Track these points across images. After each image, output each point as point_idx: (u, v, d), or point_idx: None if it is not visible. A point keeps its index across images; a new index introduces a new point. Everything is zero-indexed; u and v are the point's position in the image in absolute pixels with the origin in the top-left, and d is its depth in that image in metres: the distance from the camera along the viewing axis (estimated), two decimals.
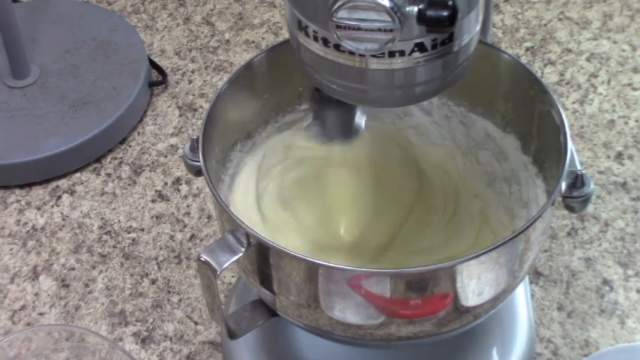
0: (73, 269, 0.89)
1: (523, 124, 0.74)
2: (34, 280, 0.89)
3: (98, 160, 0.99)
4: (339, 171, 0.78)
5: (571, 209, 0.65)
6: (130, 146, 1.00)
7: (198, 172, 0.67)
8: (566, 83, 1.02)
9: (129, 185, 0.97)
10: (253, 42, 1.10)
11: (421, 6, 0.54)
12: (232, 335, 0.70)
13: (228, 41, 1.11)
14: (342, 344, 0.70)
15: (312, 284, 0.63)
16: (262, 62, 0.73)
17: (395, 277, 0.62)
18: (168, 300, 0.86)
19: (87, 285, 0.88)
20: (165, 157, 0.99)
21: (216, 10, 1.15)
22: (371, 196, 0.77)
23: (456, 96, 0.77)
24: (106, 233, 0.92)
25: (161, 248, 0.91)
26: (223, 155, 0.74)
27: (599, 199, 0.91)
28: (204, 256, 0.62)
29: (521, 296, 0.80)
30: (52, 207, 0.95)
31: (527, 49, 1.06)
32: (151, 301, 0.86)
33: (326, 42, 0.58)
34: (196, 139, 0.68)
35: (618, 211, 0.90)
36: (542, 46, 1.06)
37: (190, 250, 0.90)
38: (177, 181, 0.97)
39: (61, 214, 0.94)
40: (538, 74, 0.72)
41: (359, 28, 0.55)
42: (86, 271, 0.89)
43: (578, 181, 0.64)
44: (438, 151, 0.78)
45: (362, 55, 0.57)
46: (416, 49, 0.57)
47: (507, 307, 0.78)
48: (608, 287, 0.84)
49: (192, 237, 0.91)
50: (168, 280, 0.88)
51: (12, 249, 0.92)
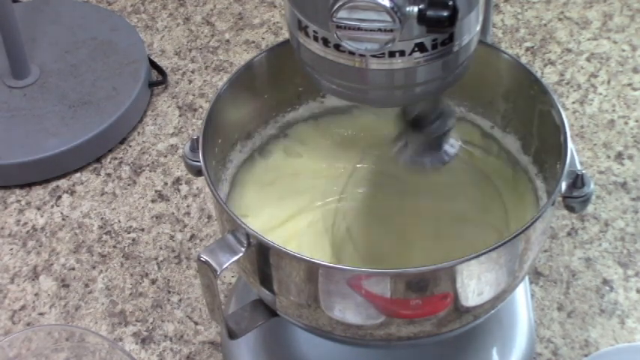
0: (73, 269, 0.89)
1: (523, 124, 0.74)
2: (34, 280, 0.89)
3: (98, 160, 0.99)
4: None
5: (571, 209, 0.65)
6: (130, 146, 1.00)
7: (198, 172, 0.67)
8: (566, 83, 1.02)
9: (129, 185, 0.97)
10: (253, 42, 1.10)
11: (421, 6, 0.54)
12: (232, 335, 0.70)
13: (228, 41, 1.11)
14: (342, 344, 0.70)
15: (312, 284, 0.63)
16: (262, 62, 0.73)
17: (395, 277, 0.62)
18: (168, 300, 0.86)
19: (87, 285, 0.88)
20: (165, 157, 0.99)
21: (216, 10, 1.15)
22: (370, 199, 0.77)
23: (456, 96, 0.77)
24: (106, 233, 0.92)
25: (161, 248, 0.90)
26: (223, 155, 0.74)
27: (599, 199, 0.91)
28: (204, 256, 0.62)
29: (521, 296, 0.80)
30: (52, 207, 0.95)
31: (527, 49, 1.06)
32: (151, 301, 0.86)
33: (326, 42, 0.58)
34: (196, 139, 0.68)
35: (618, 211, 0.90)
36: (542, 46, 1.06)
37: (190, 250, 0.90)
38: (177, 181, 0.97)
39: (61, 214, 0.94)
40: (538, 74, 0.72)
41: (359, 28, 0.55)
42: (86, 271, 0.89)
43: (578, 181, 0.64)
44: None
45: (362, 55, 0.57)
46: (416, 49, 0.57)
47: (507, 307, 0.78)
48: (608, 287, 0.84)
49: (192, 237, 0.91)
50: (168, 280, 0.88)
51: (12, 249, 0.92)
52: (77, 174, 0.98)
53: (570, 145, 0.65)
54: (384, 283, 0.61)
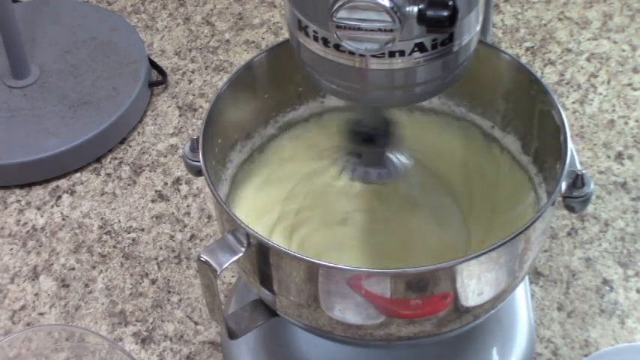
0: (73, 269, 0.89)
1: (523, 124, 0.74)
2: (34, 280, 0.89)
3: (98, 160, 0.99)
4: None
5: (571, 209, 0.65)
6: (130, 146, 1.00)
7: (198, 172, 0.67)
8: (566, 83, 1.02)
9: (129, 185, 0.97)
10: (253, 42, 1.10)
11: (421, 6, 0.54)
12: (232, 335, 0.70)
13: (228, 41, 1.11)
14: (342, 344, 0.70)
15: (312, 284, 0.63)
16: (262, 62, 0.73)
17: (395, 277, 0.62)
18: (168, 300, 0.86)
19: (87, 285, 0.88)
20: (165, 157, 0.99)
21: (216, 10, 1.15)
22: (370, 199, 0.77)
23: (456, 96, 0.77)
24: (106, 233, 0.92)
25: (161, 248, 0.91)
26: (223, 155, 0.74)
27: (599, 199, 0.91)
28: (204, 256, 0.62)
29: (521, 296, 0.80)
30: (52, 207, 0.95)
31: (527, 49, 1.06)
32: (151, 301, 0.86)
33: (326, 42, 0.58)
34: (196, 139, 0.68)
35: (618, 211, 0.90)
36: (542, 46, 1.06)
37: (190, 250, 0.90)
38: (177, 181, 0.97)
39: (61, 214, 0.94)
40: (538, 74, 0.72)
41: (359, 28, 0.55)
42: (86, 271, 0.89)
43: (578, 181, 0.64)
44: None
45: (362, 55, 0.57)
46: (416, 49, 0.57)
47: (507, 307, 0.78)
48: (608, 287, 0.84)
49: (192, 237, 0.91)
50: (168, 280, 0.88)
51: (12, 249, 0.92)
52: (77, 174, 0.98)
53: (570, 145, 0.65)
54: (384, 283, 0.61)
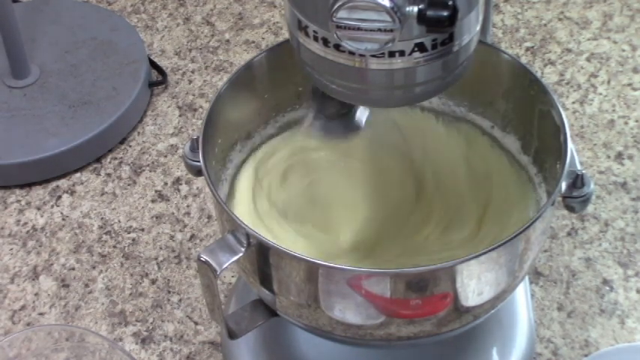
0: (73, 269, 0.89)
1: (523, 124, 0.74)
2: (34, 280, 0.89)
3: (98, 160, 0.99)
4: (336, 174, 0.77)
5: (571, 209, 0.65)
6: (130, 146, 1.00)
7: (198, 172, 0.67)
8: (566, 83, 1.02)
9: (129, 185, 0.97)
10: (253, 42, 1.10)
11: (421, 6, 0.54)
12: (232, 335, 0.70)
13: (228, 41, 1.11)
14: (342, 344, 0.70)
15: (312, 284, 0.63)
16: (262, 62, 0.73)
17: (395, 277, 0.62)
18: (168, 300, 0.86)
19: (87, 285, 0.88)
20: (165, 157, 0.99)
21: (216, 10, 1.15)
22: (371, 200, 0.77)
23: (456, 96, 0.77)
24: (106, 233, 0.92)
25: (161, 248, 0.91)
26: (223, 155, 0.74)
27: (599, 199, 0.91)
28: (204, 256, 0.62)
29: (521, 296, 0.80)
30: (52, 207, 0.95)
31: (527, 49, 1.06)
32: (151, 301, 0.86)
33: (326, 42, 0.58)
34: (196, 139, 0.68)
35: (618, 211, 0.90)
36: (542, 46, 1.06)
37: (190, 250, 0.90)
38: (177, 181, 0.97)
39: (61, 214, 0.94)
40: (538, 74, 0.72)
41: (359, 28, 0.55)
42: (86, 271, 0.89)
43: (578, 181, 0.64)
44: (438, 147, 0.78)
45: (362, 55, 0.57)
46: (416, 49, 0.57)
47: (507, 307, 0.78)
48: (608, 287, 0.84)
49: (192, 237, 0.91)
50: (168, 280, 0.88)
51: (12, 249, 0.92)
52: (77, 174, 0.98)
53: (570, 145, 0.65)
54: (384, 283, 0.61)
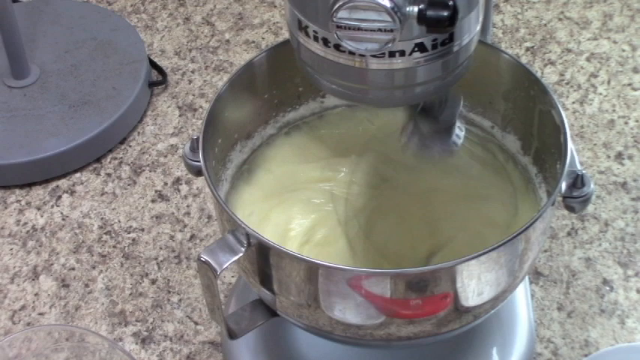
0: (73, 269, 0.89)
1: (523, 124, 0.74)
2: (34, 280, 0.89)
3: (98, 160, 0.99)
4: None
5: (571, 209, 0.65)
6: (130, 146, 1.00)
7: (198, 172, 0.67)
8: (566, 83, 1.02)
9: (129, 185, 0.97)
10: (253, 42, 1.10)
11: (421, 6, 0.54)
12: (232, 335, 0.70)
13: (228, 41, 1.11)
14: (342, 344, 0.70)
15: (312, 284, 0.63)
16: (262, 62, 0.74)
17: (395, 277, 0.62)
18: (168, 300, 0.86)
19: (87, 285, 0.88)
20: (165, 157, 0.99)
21: (216, 10, 1.15)
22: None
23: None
24: (106, 233, 0.92)
25: (161, 248, 0.91)
26: (223, 155, 0.74)
27: (599, 199, 0.91)
28: (204, 256, 0.62)
29: (521, 296, 0.80)
30: (52, 207, 0.95)
31: (527, 49, 1.06)
32: (151, 301, 0.86)
33: (326, 42, 0.58)
34: (196, 139, 0.68)
35: (618, 211, 0.90)
36: (542, 46, 1.06)
37: (190, 250, 0.90)
38: (177, 181, 0.97)
39: (61, 214, 0.94)
40: (538, 74, 0.72)
41: (359, 29, 0.55)
42: (86, 271, 0.89)
43: (578, 181, 0.64)
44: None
45: (362, 55, 0.57)
46: (416, 49, 0.57)
47: (507, 307, 0.79)
48: (608, 287, 0.84)
49: (192, 237, 0.91)
50: (168, 280, 0.88)
51: (12, 249, 0.92)
52: (77, 174, 0.98)
53: (570, 145, 0.65)
54: (384, 283, 0.61)
